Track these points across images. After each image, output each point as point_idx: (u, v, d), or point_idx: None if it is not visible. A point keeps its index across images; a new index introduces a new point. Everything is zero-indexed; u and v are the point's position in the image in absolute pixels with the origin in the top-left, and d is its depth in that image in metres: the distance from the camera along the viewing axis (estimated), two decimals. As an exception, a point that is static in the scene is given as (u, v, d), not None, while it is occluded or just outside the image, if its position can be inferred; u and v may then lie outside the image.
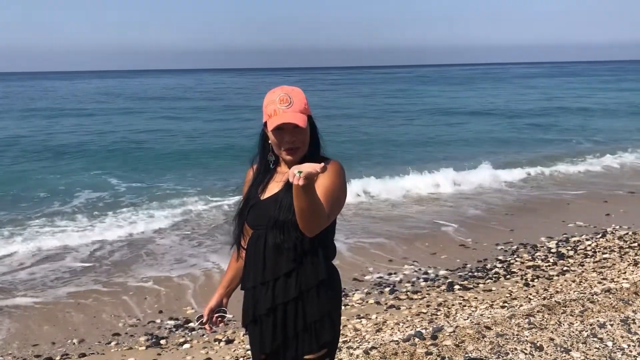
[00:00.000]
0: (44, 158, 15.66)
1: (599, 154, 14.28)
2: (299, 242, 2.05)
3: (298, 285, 2.08)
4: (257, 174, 2.22)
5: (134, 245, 7.69)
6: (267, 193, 2.15)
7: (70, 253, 7.36)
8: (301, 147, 2.09)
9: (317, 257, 2.10)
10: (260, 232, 2.12)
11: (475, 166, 12.38)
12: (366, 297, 5.60)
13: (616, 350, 3.87)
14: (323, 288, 2.11)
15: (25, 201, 10.29)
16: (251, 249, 2.16)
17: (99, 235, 8.12)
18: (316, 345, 2.11)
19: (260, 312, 2.11)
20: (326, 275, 2.11)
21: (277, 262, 2.08)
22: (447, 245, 7.46)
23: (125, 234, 8.19)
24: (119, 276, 6.49)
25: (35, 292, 6.05)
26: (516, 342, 4.05)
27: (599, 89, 42.50)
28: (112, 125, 23.60)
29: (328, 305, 2.12)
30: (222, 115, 27.74)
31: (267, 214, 2.09)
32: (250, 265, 2.17)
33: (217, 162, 14.52)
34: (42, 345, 4.90)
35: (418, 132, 20.60)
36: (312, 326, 2.10)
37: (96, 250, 7.48)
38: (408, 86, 52.69)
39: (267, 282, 2.10)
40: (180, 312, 5.52)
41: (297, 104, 2.07)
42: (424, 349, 4.01)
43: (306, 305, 2.09)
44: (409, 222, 8.68)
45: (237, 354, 4.41)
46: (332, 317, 2.14)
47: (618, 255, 6.59)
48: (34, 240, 7.80)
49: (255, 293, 2.14)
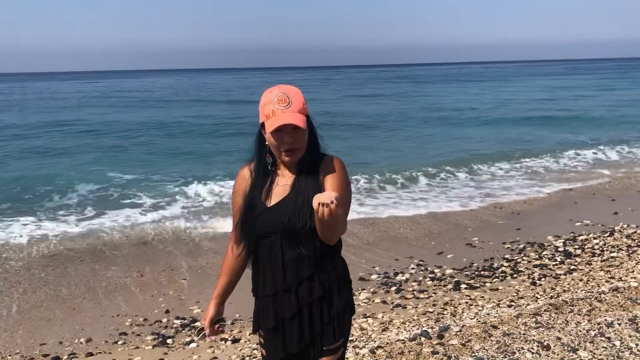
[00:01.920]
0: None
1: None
2: (318, 248, 2.08)
3: (322, 284, 2.11)
4: (256, 177, 2.16)
5: (141, 243, 7.72)
6: (274, 199, 2.10)
7: (71, 250, 7.40)
8: (300, 148, 2.06)
9: (333, 254, 2.15)
10: (273, 239, 2.09)
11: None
12: (372, 297, 5.59)
13: (624, 350, 3.84)
14: (343, 282, 2.18)
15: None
16: (266, 257, 2.12)
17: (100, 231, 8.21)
18: (339, 335, 2.16)
19: (285, 317, 2.11)
20: (343, 269, 2.19)
21: (297, 269, 2.09)
22: (454, 244, 7.44)
23: (130, 228, 8.27)
24: (124, 274, 6.51)
25: (40, 290, 6.08)
26: (523, 341, 4.03)
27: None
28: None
29: (348, 296, 2.19)
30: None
31: (279, 221, 2.06)
32: (267, 273, 2.13)
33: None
34: (49, 344, 4.92)
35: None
36: (335, 318, 2.14)
37: (97, 248, 7.51)
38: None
39: (290, 287, 2.09)
40: (187, 311, 5.53)
41: (295, 104, 2.02)
42: (430, 348, 4.00)
43: (331, 300, 2.13)
44: (416, 221, 8.66)
45: (243, 353, 4.42)
46: (351, 307, 2.22)
47: (626, 254, 6.55)
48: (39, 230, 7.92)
49: (277, 300, 2.12)
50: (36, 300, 5.84)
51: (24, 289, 6.15)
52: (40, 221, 8.76)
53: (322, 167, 2.10)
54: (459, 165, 12.85)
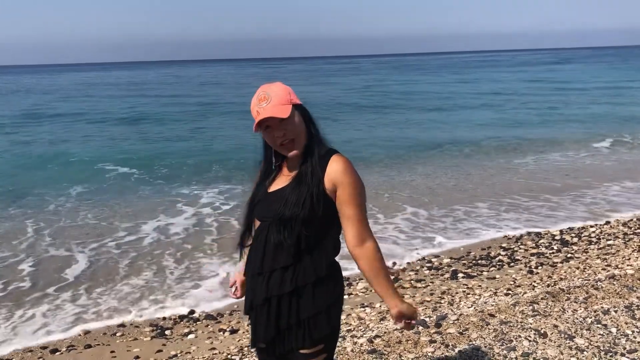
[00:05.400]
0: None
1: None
2: (303, 238, 2.05)
3: (294, 280, 2.06)
4: (263, 173, 2.23)
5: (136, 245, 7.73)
6: (274, 186, 2.15)
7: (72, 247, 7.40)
8: (295, 138, 2.06)
9: (318, 253, 2.09)
10: (265, 224, 2.12)
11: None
12: (369, 286, 5.60)
13: (620, 337, 3.86)
14: (320, 285, 2.08)
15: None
16: (255, 239, 2.17)
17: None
18: (309, 340, 2.08)
19: (257, 302, 2.12)
20: (325, 272, 2.09)
21: (275, 255, 2.07)
22: (451, 234, 7.45)
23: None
24: (120, 268, 6.52)
25: (38, 284, 6.08)
26: (520, 329, 4.04)
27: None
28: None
29: (324, 302, 2.08)
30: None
31: (272, 207, 2.08)
32: (252, 254, 2.17)
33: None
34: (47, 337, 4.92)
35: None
36: (305, 322, 2.07)
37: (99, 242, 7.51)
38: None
39: (264, 273, 2.09)
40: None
41: (276, 98, 2.04)
42: (428, 337, 4.01)
43: (300, 301, 2.06)
44: (413, 210, 8.67)
45: (241, 343, 4.43)
46: (329, 314, 2.10)
47: (622, 242, 6.57)
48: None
49: (253, 282, 2.14)
50: (35, 295, 5.84)
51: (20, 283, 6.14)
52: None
53: (328, 166, 2.05)
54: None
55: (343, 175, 2.03)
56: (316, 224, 2.05)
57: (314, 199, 2.02)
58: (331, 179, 2.04)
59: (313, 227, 2.05)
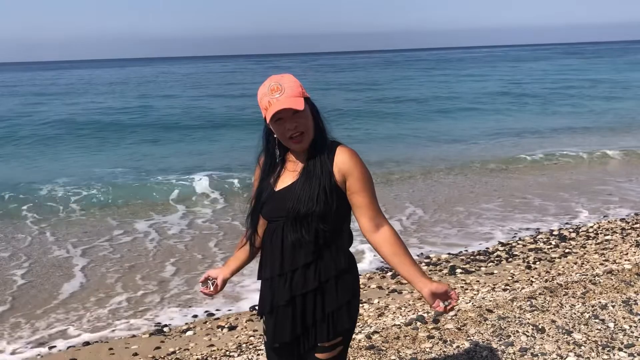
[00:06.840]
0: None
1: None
2: (321, 234, 2.04)
3: (317, 276, 2.07)
4: (266, 167, 2.17)
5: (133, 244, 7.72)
6: (282, 184, 2.11)
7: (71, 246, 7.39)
8: (305, 131, 2.04)
9: (337, 247, 2.11)
10: (278, 223, 2.09)
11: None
12: (368, 282, 5.61)
13: (618, 331, 3.87)
14: (342, 278, 2.11)
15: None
16: (267, 240, 2.14)
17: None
18: (333, 334, 2.11)
19: (279, 303, 2.10)
20: (346, 265, 2.12)
21: (295, 254, 2.06)
22: (449, 229, 7.45)
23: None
24: (121, 265, 6.51)
25: (35, 283, 6.08)
26: (518, 324, 4.05)
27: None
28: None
29: (347, 295, 2.12)
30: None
31: (284, 206, 2.05)
32: (267, 257, 2.14)
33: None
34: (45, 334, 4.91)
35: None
36: (330, 316, 2.09)
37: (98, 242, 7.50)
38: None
39: (285, 273, 2.08)
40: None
41: (289, 90, 2.02)
42: (426, 332, 4.02)
43: (325, 295, 2.08)
44: (409, 204, 8.68)
45: (239, 340, 4.43)
46: (350, 306, 2.14)
47: (620, 237, 6.58)
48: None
49: (273, 284, 2.12)
50: (33, 293, 5.83)
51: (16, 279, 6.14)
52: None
53: (336, 158, 2.05)
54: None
55: (352, 166, 2.04)
56: (332, 218, 2.05)
57: (327, 192, 2.02)
58: (340, 170, 2.04)
59: (330, 221, 2.05)
